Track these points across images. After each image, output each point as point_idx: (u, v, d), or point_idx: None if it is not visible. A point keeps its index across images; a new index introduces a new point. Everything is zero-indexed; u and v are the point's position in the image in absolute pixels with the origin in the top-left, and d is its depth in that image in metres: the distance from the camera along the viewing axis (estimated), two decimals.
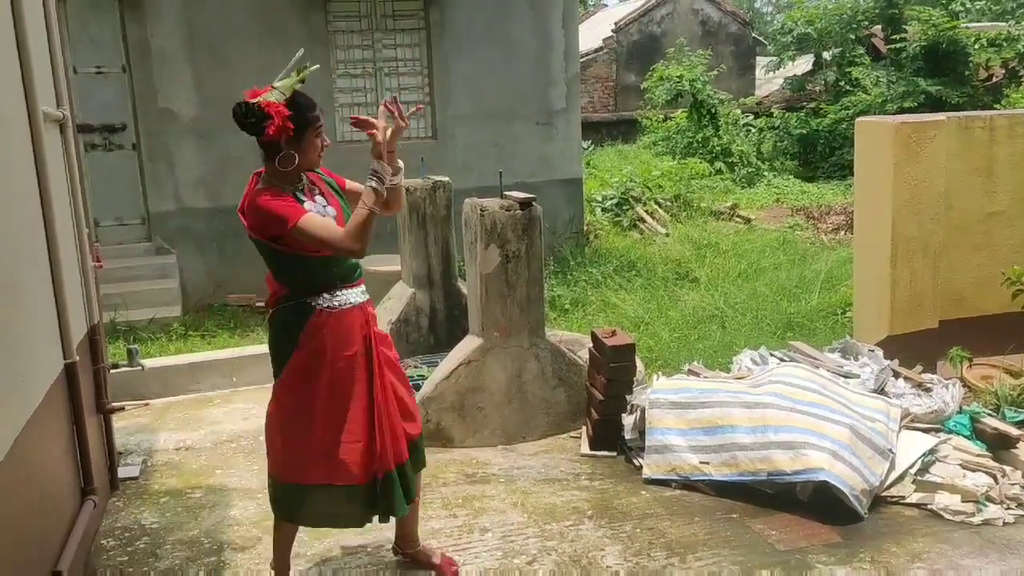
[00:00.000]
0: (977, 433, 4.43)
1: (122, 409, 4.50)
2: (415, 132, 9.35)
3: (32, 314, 3.12)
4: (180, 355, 6.38)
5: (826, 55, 19.37)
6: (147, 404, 5.25)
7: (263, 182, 3.04)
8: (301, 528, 3.83)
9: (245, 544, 3.73)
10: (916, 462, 4.14)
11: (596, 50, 24.29)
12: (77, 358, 3.59)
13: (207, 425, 5.22)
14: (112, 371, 4.59)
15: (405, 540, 3.51)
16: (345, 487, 3.09)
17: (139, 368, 4.77)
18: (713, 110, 17.11)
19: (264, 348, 6.27)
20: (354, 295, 3.16)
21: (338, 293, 3.11)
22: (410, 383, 3.41)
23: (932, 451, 4.22)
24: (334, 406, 3.09)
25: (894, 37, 17.51)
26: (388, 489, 3.13)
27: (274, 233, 2.93)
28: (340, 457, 3.07)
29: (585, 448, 4.78)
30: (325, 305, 3.07)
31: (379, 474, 3.12)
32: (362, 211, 2.96)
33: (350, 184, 3.31)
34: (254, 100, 2.98)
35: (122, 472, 4.45)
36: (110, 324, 7.22)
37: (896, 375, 4.86)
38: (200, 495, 4.26)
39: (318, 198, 3.12)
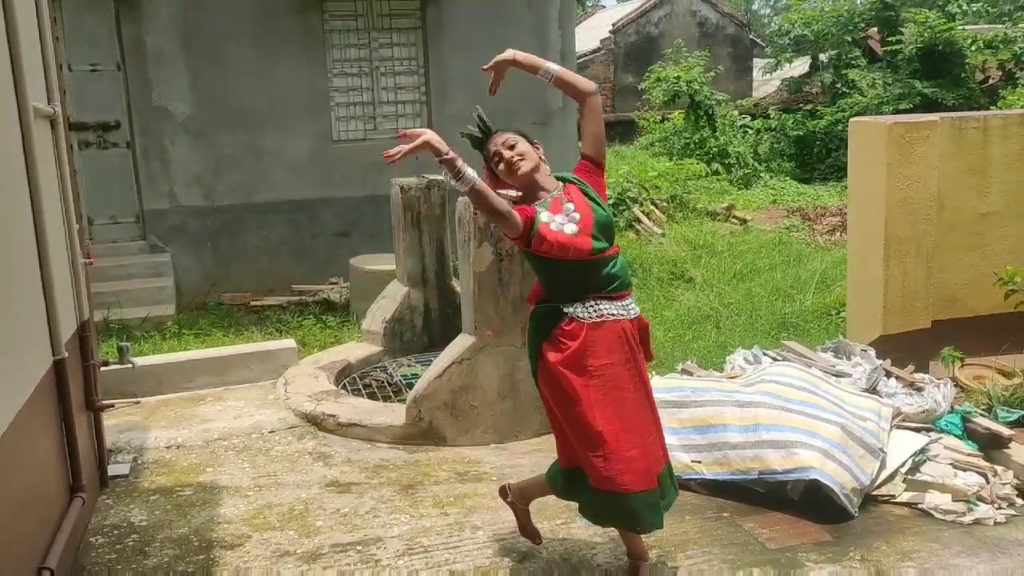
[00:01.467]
0: (969, 433, 4.43)
1: (112, 407, 4.49)
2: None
3: (20, 310, 3.11)
4: (172, 353, 6.37)
5: (823, 57, 19.40)
6: (138, 402, 5.24)
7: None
8: (292, 528, 3.84)
9: (235, 542, 3.72)
10: (907, 461, 4.14)
11: (594, 51, 24.32)
12: (66, 354, 3.58)
13: (198, 423, 5.21)
14: (103, 368, 4.58)
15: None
16: (637, 493, 3.09)
17: (130, 366, 4.76)
18: (710, 111, 17.12)
19: (256, 347, 6.31)
20: (613, 308, 3.12)
21: (591, 304, 3.09)
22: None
23: (923, 450, 4.21)
24: (605, 411, 3.06)
25: (890, 39, 17.54)
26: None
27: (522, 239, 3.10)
28: (634, 463, 3.07)
29: None
30: (575, 313, 3.08)
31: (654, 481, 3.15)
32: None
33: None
34: None
35: (112, 470, 4.44)
36: (104, 322, 7.21)
37: (888, 374, 4.86)
38: (190, 493, 4.25)
39: (567, 205, 3.13)
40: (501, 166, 3.18)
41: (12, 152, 3.21)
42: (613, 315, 3.10)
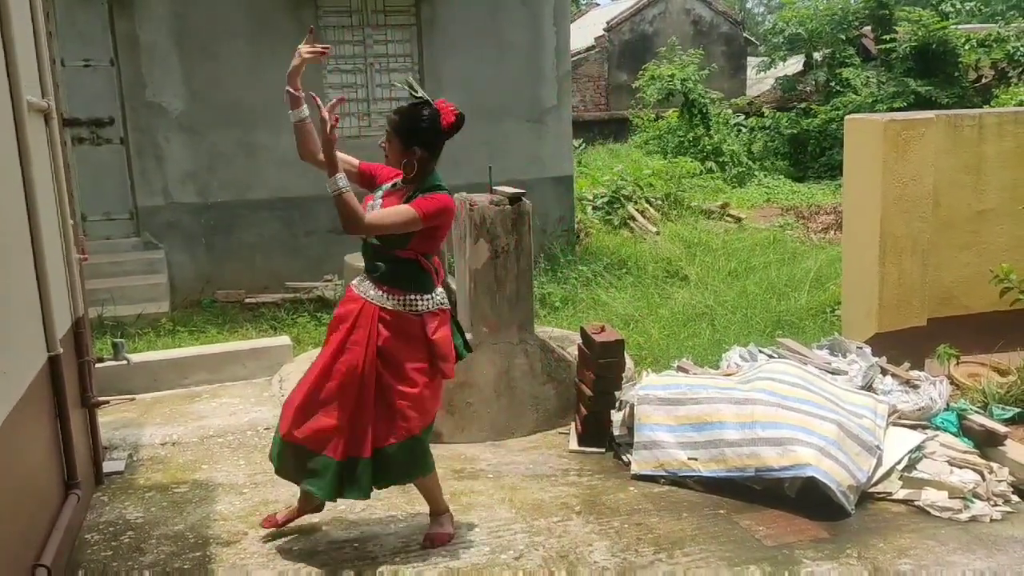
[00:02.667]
0: (964, 430, 4.43)
1: (107, 403, 4.47)
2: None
3: (15, 306, 3.09)
4: (167, 350, 6.35)
5: (817, 55, 19.46)
6: (132, 399, 5.21)
7: None
8: (289, 524, 3.82)
9: (231, 539, 3.70)
10: (903, 458, 4.14)
11: (588, 49, 24.31)
12: (61, 351, 3.55)
13: (194, 420, 5.19)
14: (98, 365, 4.55)
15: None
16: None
17: (124, 362, 4.74)
18: (704, 109, 17.14)
19: (251, 344, 6.28)
20: (363, 286, 3.39)
21: (362, 277, 3.44)
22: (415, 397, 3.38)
23: (919, 448, 4.22)
24: (312, 368, 3.41)
25: (884, 38, 17.59)
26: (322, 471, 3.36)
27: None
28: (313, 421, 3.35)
29: (574, 444, 4.77)
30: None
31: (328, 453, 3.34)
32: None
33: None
34: None
35: (107, 467, 4.41)
36: (98, 320, 7.17)
37: (884, 372, 4.87)
38: (186, 490, 4.23)
39: (389, 199, 3.38)
40: (382, 144, 3.44)
41: (6, 146, 3.18)
42: (355, 289, 3.41)
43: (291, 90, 3.29)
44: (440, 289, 3.43)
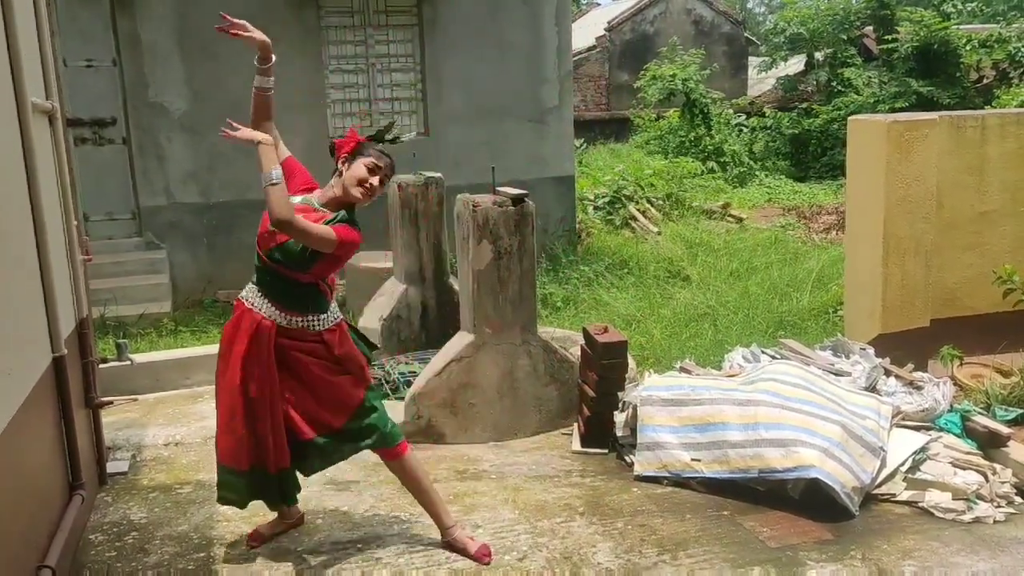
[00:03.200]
0: (968, 431, 4.44)
1: (111, 404, 4.47)
2: (407, 128, 9.35)
3: (20, 307, 3.09)
4: (170, 350, 6.34)
5: (818, 55, 19.45)
6: (135, 399, 5.21)
7: None
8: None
9: (234, 539, 3.70)
10: (907, 460, 4.15)
11: (589, 49, 24.31)
12: (66, 352, 3.56)
13: (196, 420, 5.18)
14: (101, 366, 4.56)
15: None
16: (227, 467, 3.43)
17: (128, 363, 4.74)
18: (705, 109, 17.15)
19: None
20: (259, 303, 3.34)
21: (250, 287, 3.40)
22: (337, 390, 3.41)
23: (923, 449, 4.22)
24: (221, 390, 3.42)
25: (886, 38, 17.60)
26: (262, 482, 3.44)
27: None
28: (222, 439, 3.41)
29: (576, 445, 4.78)
30: (244, 291, 3.42)
31: (258, 466, 3.39)
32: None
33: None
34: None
35: (111, 467, 4.41)
36: (100, 319, 7.17)
37: (887, 373, 4.87)
38: (189, 490, 4.23)
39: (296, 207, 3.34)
40: (371, 181, 3.31)
41: (11, 148, 3.18)
42: (244, 298, 3.39)
43: (258, 65, 3.54)
44: (334, 304, 3.46)
